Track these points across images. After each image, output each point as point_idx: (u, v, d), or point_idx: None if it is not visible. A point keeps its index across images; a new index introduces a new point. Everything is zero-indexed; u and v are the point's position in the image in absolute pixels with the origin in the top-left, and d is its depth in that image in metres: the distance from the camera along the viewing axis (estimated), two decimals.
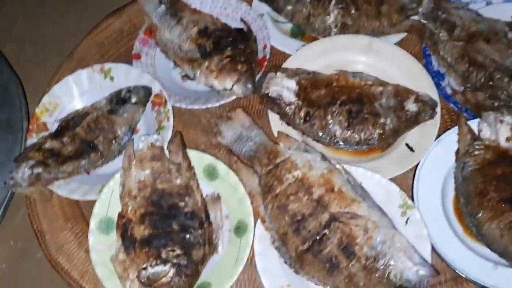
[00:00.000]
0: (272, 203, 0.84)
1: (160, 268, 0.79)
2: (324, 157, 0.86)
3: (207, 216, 0.85)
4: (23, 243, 1.26)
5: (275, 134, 0.94)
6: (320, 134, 0.93)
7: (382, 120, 0.92)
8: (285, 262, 0.83)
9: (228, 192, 0.89)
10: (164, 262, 0.79)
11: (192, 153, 0.90)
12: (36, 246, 1.11)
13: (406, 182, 0.92)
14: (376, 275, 0.77)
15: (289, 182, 0.84)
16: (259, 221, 0.85)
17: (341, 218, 0.79)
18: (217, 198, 0.89)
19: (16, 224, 1.28)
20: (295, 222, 0.81)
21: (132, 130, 0.98)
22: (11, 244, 1.26)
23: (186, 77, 1.05)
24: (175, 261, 0.79)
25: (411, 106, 0.93)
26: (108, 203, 0.87)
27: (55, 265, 0.91)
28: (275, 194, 0.84)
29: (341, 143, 0.93)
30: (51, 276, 1.06)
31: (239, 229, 0.87)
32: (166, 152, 0.89)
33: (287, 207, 0.82)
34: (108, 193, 0.88)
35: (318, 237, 0.79)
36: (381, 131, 0.92)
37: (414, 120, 0.93)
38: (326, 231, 0.79)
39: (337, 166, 0.86)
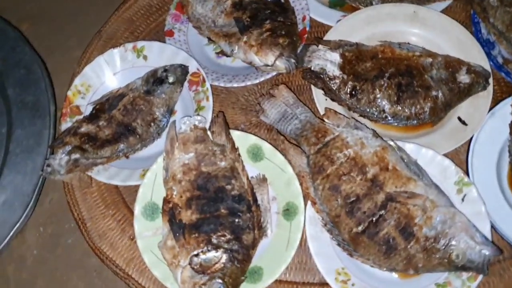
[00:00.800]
0: (323, 184, 0.80)
1: (212, 254, 0.76)
2: (375, 134, 0.83)
3: (255, 199, 0.82)
4: (53, 229, 1.25)
5: (321, 111, 0.89)
6: (368, 109, 0.89)
7: (433, 93, 0.87)
8: (338, 245, 0.80)
9: (274, 174, 0.85)
10: (216, 247, 0.76)
11: (235, 134, 0.86)
12: (67, 232, 1.12)
13: (457, 157, 0.89)
14: (437, 256, 0.75)
15: (341, 161, 0.80)
16: (309, 203, 0.82)
17: (398, 198, 0.76)
18: (263, 180, 0.86)
19: (45, 210, 1.27)
20: (349, 203, 0.78)
21: (171, 111, 0.94)
22: (40, 230, 1.24)
23: (221, 53, 1.00)
24: (226, 246, 0.76)
25: (464, 78, 0.88)
26: (152, 188, 0.84)
27: (99, 254, 0.88)
28: (326, 175, 0.80)
29: (390, 118, 0.89)
30: (83, 261, 1.07)
31: (289, 212, 0.84)
32: (209, 133, 0.85)
33: (340, 188, 0.79)
34: (151, 177, 0.84)
35: (374, 219, 0.77)
36: (433, 105, 0.87)
37: (466, 92, 0.89)
38: (383, 212, 0.76)
39: (390, 142, 0.82)
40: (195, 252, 0.76)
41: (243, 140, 0.86)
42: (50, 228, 1.24)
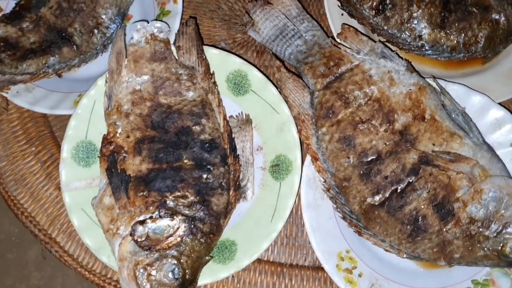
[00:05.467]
0: (331, 133, 0.60)
1: (165, 222, 0.56)
2: (411, 67, 0.61)
3: (233, 148, 0.62)
4: None
5: (334, 30, 0.67)
6: (398, 33, 0.69)
7: (493, 16, 0.68)
8: (343, 218, 0.60)
9: (263, 114, 0.64)
10: (171, 213, 0.56)
11: (211, 52, 0.64)
12: None
13: None
14: (483, 246, 0.57)
15: (359, 102, 0.60)
16: (308, 158, 0.62)
17: (435, 160, 0.58)
18: (246, 122, 0.65)
19: None
20: (365, 163, 0.60)
21: (123, 15, 0.73)
22: None
23: None
24: (187, 212, 0.57)
25: None
26: (88, 121, 0.63)
27: (12, 206, 0.67)
28: (336, 120, 0.60)
29: (427, 48, 0.69)
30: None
31: (279, 168, 0.63)
32: (173, 49, 0.62)
33: (354, 141, 0.60)
34: (88, 106, 0.63)
35: (399, 187, 0.59)
36: (491, 33, 0.68)
37: None
38: (412, 178, 0.59)
39: (430, 81, 0.60)
40: (141, 218, 0.56)
41: (222, 62, 0.64)
42: None
